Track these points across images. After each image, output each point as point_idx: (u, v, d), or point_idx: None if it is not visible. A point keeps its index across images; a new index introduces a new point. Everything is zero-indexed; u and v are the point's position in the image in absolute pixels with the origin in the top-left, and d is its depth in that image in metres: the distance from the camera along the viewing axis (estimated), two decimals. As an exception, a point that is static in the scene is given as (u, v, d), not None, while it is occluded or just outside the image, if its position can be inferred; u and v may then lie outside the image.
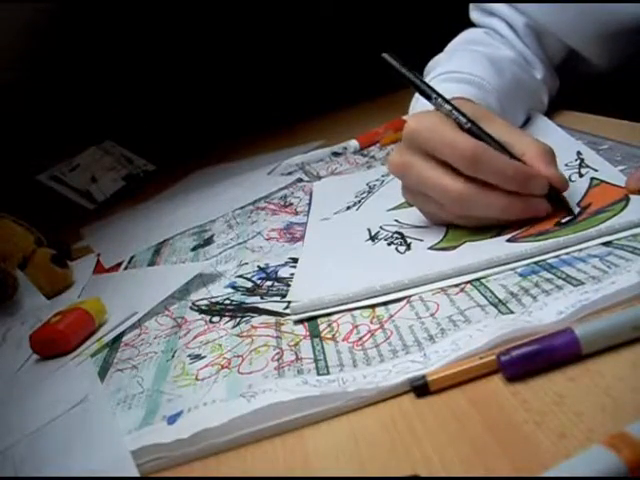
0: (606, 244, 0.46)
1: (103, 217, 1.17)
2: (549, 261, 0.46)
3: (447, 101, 0.54)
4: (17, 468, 0.42)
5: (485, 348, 0.38)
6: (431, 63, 0.78)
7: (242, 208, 0.88)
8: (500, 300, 0.43)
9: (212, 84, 1.48)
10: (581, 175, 0.57)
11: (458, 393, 0.36)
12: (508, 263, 0.47)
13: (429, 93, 0.55)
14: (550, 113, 0.81)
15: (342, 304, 0.49)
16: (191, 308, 0.59)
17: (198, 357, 0.49)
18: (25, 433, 0.46)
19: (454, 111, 0.53)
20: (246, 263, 0.66)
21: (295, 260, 0.61)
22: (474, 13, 0.84)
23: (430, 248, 0.54)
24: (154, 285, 0.68)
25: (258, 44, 1.45)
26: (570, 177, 0.57)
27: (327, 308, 0.49)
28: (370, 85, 1.30)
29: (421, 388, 0.37)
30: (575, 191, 0.54)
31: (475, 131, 0.52)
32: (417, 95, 0.72)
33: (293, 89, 1.46)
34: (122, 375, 0.50)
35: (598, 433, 0.30)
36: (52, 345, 0.57)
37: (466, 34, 0.83)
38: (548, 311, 0.39)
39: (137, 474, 0.37)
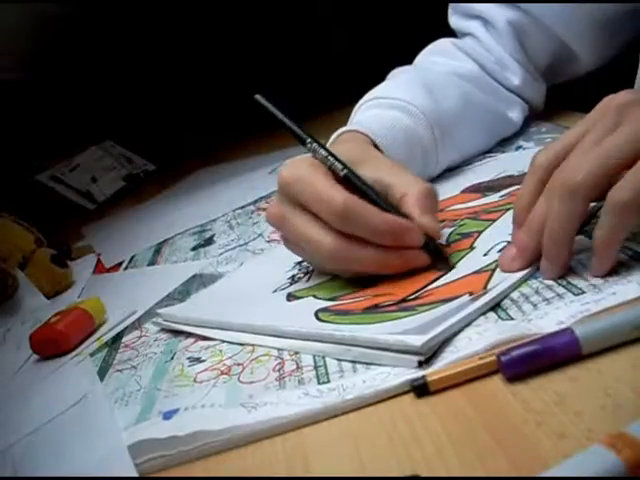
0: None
1: (103, 217, 1.17)
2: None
3: (322, 146, 0.52)
4: (17, 467, 0.42)
5: (483, 351, 0.38)
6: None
7: (243, 208, 0.88)
8: (500, 306, 0.43)
9: (212, 84, 1.48)
10: None
11: (458, 393, 0.36)
12: (308, 339, 0.45)
13: (303, 137, 0.53)
14: (551, 113, 0.81)
15: (199, 326, 0.52)
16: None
17: (198, 360, 0.48)
18: (25, 432, 0.46)
19: (329, 157, 0.51)
20: (246, 264, 0.66)
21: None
22: (453, 17, 0.82)
23: (289, 293, 0.53)
24: (154, 285, 0.68)
25: (258, 43, 1.45)
26: None
27: (184, 325, 0.53)
28: (371, 85, 1.30)
29: (421, 388, 0.37)
30: None
31: (351, 179, 0.50)
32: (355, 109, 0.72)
33: (293, 89, 1.46)
34: (121, 375, 0.50)
35: (598, 433, 0.30)
36: (52, 345, 0.57)
37: (432, 46, 0.81)
38: (548, 320, 0.39)
39: (135, 473, 0.37)
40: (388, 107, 0.68)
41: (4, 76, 1.21)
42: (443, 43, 0.81)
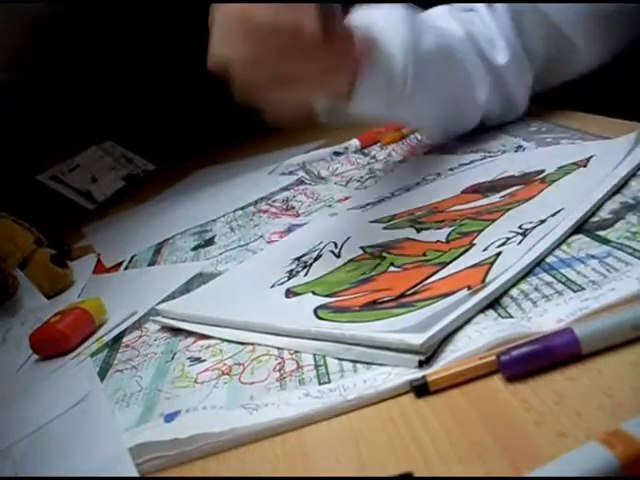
0: (604, 242, 0.45)
1: (103, 217, 1.17)
2: (548, 261, 0.46)
3: None
4: (17, 467, 0.42)
5: (483, 350, 0.38)
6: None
7: (243, 209, 0.88)
8: (499, 304, 0.43)
9: (212, 84, 1.48)
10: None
11: (458, 393, 0.36)
12: (307, 338, 0.45)
13: None
14: (551, 113, 0.81)
15: (198, 323, 0.52)
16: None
17: (198, 360, 0.48)
18: (25, 433, 0.46)
19: None
20: (246, 263, 0.66)
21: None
22: None
23: (288, 289, 0.53)
24: (154, 285, 0.68)
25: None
26: None
27: (183, 321, 0.53)
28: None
29: (421, 388, 0.37)
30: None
31: None
32: None
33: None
34: (122, 375, 0.50)
35: (598, 433, 0.29)
36: (52, 345, 0.57)
37: (429, 10, 0.80)
38: (548, 318, 0.39)
39: (135, 473, 0.37)
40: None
41: (4, 76, 1.22)
42: (440, 8, 0.80)
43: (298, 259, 0.59)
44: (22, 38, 1.24)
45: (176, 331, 0.54)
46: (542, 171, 0.63)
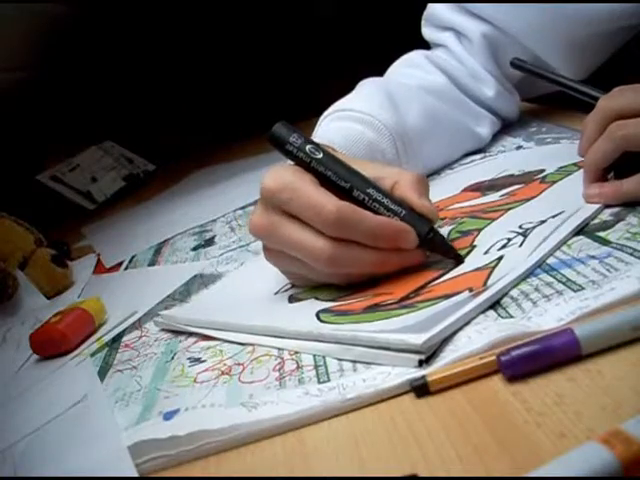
0: (604, 243, 0.45)
1: (103, 217, 1.17)
2: (548, 262, 0.46)
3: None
4: (17, 467, 0.42)
5: (483, 350, 0.38)
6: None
7: (243, 208, 0.88)
8: (499, 304, 0.43)
9: (212, 84, 1.48)
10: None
11: (458, 393, 0.36)
12: (308, 339, 0.45)
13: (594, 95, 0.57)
14: (551, 113, 0.81)
15: (201, 327, 0.52)
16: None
17: (198, 361, 0.48)
18: (25, 433, 0.46)
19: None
20: (247, 264, 0.66)
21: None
22: (426, 29, 0.81)
23: (291, 295, 0.53)
24: (154, 285, 0.68)
25: (258, 44, 1.46)
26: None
27: (190, 326, 0.53)
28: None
29: (421, 388, 0.37)
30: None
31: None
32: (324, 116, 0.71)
33: (293, 88, 1.46)
34: (122, 375, 0.50)
35: (598, 433, 0.29)
36: (52, 345, 0.57)
37: (404, 57, 0.81)
38: (548, 317, 0.39)
39: (135, 473, 0.37)
40: (353, 120, 0.68)
41: (4, 76, 1.22)
42: (415, 55, 0.80)
43: None
44: (23, 38, 1.24)
45: (177, 332, 0.54)
46: (542, 170, 0.63)
